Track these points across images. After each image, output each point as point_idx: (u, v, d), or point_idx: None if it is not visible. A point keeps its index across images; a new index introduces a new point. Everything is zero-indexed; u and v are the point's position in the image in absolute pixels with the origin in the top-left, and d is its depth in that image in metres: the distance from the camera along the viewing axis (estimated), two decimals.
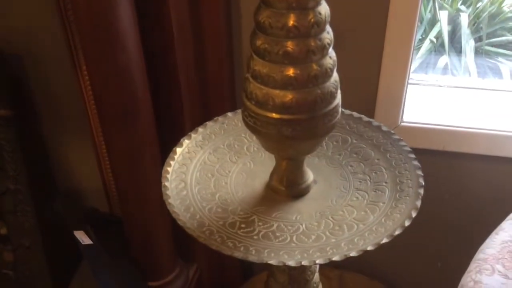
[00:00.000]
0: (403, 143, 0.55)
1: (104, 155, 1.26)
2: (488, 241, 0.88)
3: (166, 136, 1.10)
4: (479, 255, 0.85)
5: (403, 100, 1.10)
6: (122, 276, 1.12)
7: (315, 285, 0.47)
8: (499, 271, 0.80)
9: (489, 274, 0.80)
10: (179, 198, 0.51)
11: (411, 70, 1.09)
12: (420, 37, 1.68)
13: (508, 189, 1.19)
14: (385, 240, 0.48)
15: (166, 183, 0.52)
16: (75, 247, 1.42)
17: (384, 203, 0.50)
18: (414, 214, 0.50)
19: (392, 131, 0.56)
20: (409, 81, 1.09)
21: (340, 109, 0.49)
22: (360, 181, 0.52)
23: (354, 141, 0.56)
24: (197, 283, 1.35)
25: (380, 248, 1.39)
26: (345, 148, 0.56)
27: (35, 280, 1.42)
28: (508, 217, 0.93)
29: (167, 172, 0.53)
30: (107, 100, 0.99)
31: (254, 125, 0.45)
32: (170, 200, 0.51)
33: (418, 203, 0.50)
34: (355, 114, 0.58)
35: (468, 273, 0.82)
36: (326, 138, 0.56)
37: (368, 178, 0.52)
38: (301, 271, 0.46)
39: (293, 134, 0.44)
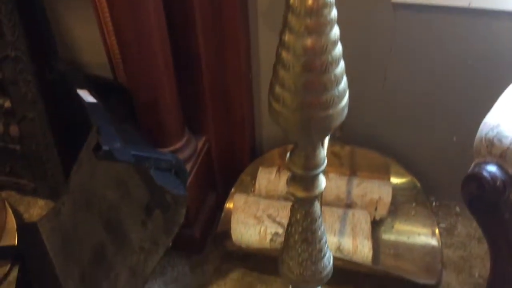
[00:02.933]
0: None
1: (107, 22, 1.19)
2: None
3: None
4: (504, 96, 0.79)
5: None
6: (129, 138, 1.09)
7: None
8: None
9: None
10: None
11: None
12: None
13: None
14: None
15: None
16: (81, 120, 1.39)
17: None
18: None
19: None
20: None
21: None
22: None
23: None
24: (206, 155, 1.32)
25: (393, 124, 1.35)
26: None
27: (42, 154, 1.41)
28: None
29: None
30: None
31: None
32: None
33: None
34: None
35: (491, 112, 0.77)
36: None
37: None
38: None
39: None
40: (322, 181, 0.56)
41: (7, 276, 1.34)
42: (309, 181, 0.53)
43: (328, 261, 0.62)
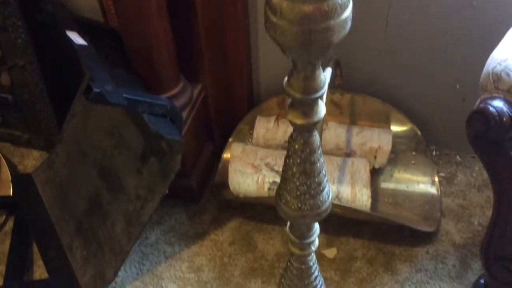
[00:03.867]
0: None
1: None
2: None
3: None
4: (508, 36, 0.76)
5: None
6: (122, 83, 1.05)
7: None
8: None
9: None
10: None
11: None
12: None
13: None
14: None
15: None
16: (74, 69, 1.35)
17: None
18: None
19: None
20: None
21: None
22: None
23: None
24: (202, 104, 1.29)
25: (395, 72, 1.31)
26: None
27: (34, 103, 1.38)
28: None
29: None
30: None
31: None
32: None
33: None
34: None
35: (499, 47, 0.73)
36: None
37: None
38: None
39: None
40: (322, 108, 0.53)
41: (3, 227, 1.33)
42: (308, 107, 0.51)
43: (327, 195, 0.60)
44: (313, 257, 0.69)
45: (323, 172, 0.59)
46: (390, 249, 1.24)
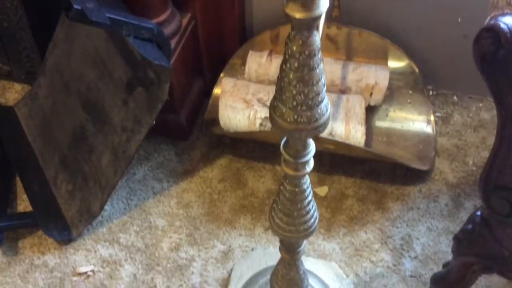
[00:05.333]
0: None
1: None
2: None
3: None
4: None
5: None
6: (106, 4, 0.98)
7: None
8: None
9: None
10: None
11: None
12: None
13: None
14: None
15: None
16: None
17: None
18: None
19: None
20: None
21: None
22: None
23: None
24: (192, 34, 1.23)
25: (394, 2, 1.25)
26: None
27: (14, 32, 1.31)
28: None
29: None
30: None
31: None
32: None
33: None
34: None
35: None
36: None
37: None
38: None
39: None
40: (324, 0, 0.48)
41: None
42: None
43: (325, 107, 0.56)
44: (307, 180, 0.66)
45: (323, 80, 0.55)
46: (382, 187, 1.22)
